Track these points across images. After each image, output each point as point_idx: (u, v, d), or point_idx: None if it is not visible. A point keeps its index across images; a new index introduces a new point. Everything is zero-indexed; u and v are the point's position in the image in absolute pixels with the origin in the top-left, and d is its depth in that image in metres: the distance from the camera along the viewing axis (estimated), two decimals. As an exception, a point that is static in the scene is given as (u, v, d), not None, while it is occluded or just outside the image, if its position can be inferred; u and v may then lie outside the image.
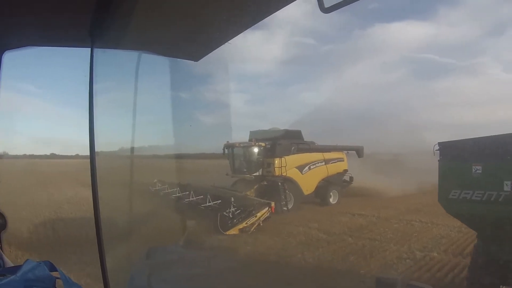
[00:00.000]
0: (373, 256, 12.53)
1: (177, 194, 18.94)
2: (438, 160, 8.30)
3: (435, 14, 54.40)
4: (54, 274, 2.24)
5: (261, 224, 16.16)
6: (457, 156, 8.09)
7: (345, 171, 24.26)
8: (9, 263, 2.47)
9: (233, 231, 15.52)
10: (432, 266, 11.47)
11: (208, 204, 16.88)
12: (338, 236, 15.21)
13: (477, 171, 7.62)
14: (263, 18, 2.76)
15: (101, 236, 2.69)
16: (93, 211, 2.69)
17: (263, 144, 22.05)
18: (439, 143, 8.31)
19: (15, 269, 2.14)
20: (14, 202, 15.84)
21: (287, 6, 2.58)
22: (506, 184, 7.27)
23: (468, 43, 46.00)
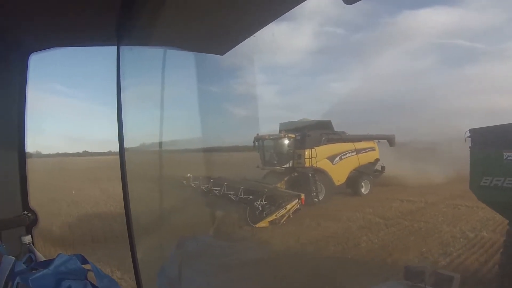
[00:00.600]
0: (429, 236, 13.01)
1: (210, 188, 19.04)
2: (469, 147, 8.18)
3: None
4: (86, 266, 2.31)
5: (291, 216, 16.07)
6: (488, 143, 7.93)
7: (377, 160, 23.89)
8: (41, 257, 2.55)
9: (263, 224, 15.47)
10: (484, 244, 11.74)
11: (239, 197, 16.93)
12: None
13: (509, 158, 7.49)
14: (288, 10, 2.76)
15: (132, 229, 2.74)
16: (123, 206, 2.75)
17: (293, 135, 21.95)
18: (470, 130, 8.18)
19: (47, 263, 2.21)
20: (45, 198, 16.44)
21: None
22: (538, 171, 7.14)
23: (497, 27, 44.69)
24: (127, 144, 2.75)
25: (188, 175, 21.53)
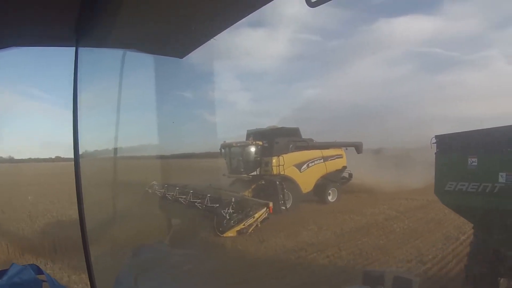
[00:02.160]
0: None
1: (175, 195, 18.80)
2: (435, 153, 8.42)
3: (439, 7, 54.37)
4: (41, 277, 2.22)
5: (259, 226, 15.88)
6: (453, 149, 8.24)
7: (344, 167, 23.97)
8: None
9: (230, 233, 15.28)
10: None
11: (205, 205, 16.57)
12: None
13: (473, 163, 7.71)
14: (248, 14, 2.73)
15: (86, 238, 2.66)
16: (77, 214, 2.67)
17: (260, 142, 21.89)
18: (436, 136, 8.48)
19: (1, 273, 2.11)
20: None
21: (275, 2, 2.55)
22: (501, 176, 7.32)
23: (473, 36, 45.92)
24: (82, 149, 2.67)
25: (153, 182, 21.17)
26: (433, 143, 8.52)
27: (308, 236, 14.75)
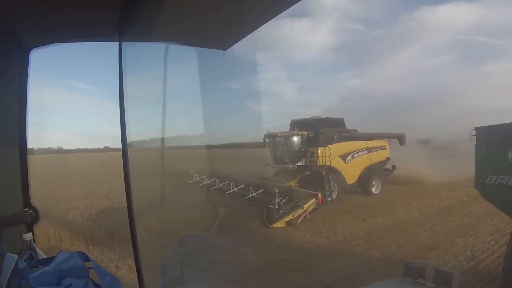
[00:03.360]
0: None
1: (216, 186, 18.98)
2: (475, 145, 8.26)
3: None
4: (88, 264, 2.28)
5: (308, 216, 15.92)
6: (493, 141, 8.02)
7: (387, 159, 23.69)
8: (42, 255, 2.53)
9: (280, 224, 15.29)
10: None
11: (251, 195, 16.74)
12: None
13: None
14: (292, 4, 2.71)
15: (134, 227, 2.72)
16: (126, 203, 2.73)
17: (305, 133, 21.81)
18: (476, 128, 8.30)
19: (48, 260, 2.18)
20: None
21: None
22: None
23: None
24: (130, 140, 2.73)
25: (192, 172, 21.52)
26: (473, 135, 8.36)
27: (358, 228, 14.69)
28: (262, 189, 16.85)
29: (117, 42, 2.82)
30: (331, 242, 13.28)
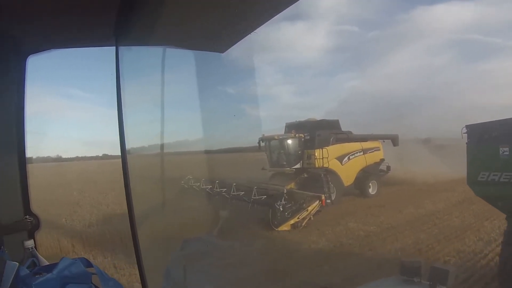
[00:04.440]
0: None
1: (216, 189, 18.91)
2: (466, 143, 8.33)
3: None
4: (90, 270, 2.28)
5: (312, 219, 15.86)
6: (484, 138, 8.13)
7: (382, 160, 23.88)
8: (45, 261, 2.52)
9: (285, 227, 15.22)
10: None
11: (253, 198, 16.53)
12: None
13: (505, 153, 7.61)
14: (287, 6, 2.72)
15: (135, 231, 2.71)
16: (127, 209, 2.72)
17: (302, 135, 21.81)
18: (467, 126, 8.37)
19: (51, 267, 2.18)
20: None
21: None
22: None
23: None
24: (128, 146, 2.72)
25: (188, 176, 21.40)
26: (464, 133, 8.42)
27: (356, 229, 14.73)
28: (263, 192, 16.77)
29: (114, 47, 2.82)
30: (330, 243, 13.29)
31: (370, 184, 22.10)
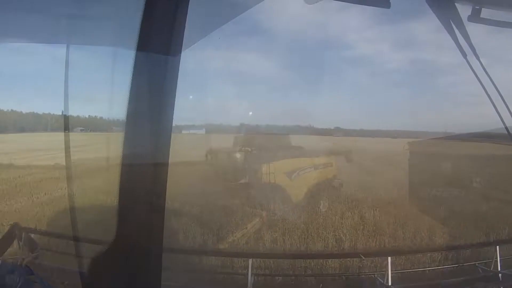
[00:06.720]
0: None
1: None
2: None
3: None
4: (31, 278, 2.18)
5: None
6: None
7: (334, 176, 23.81)
8: None
9: None
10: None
11: None
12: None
13: None
14: (240, 13, 2.73)
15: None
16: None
17: (248, 149, 21.82)
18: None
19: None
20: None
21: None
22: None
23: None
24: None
25: None
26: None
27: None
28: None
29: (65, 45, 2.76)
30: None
31: (321, 200, 21.88)
